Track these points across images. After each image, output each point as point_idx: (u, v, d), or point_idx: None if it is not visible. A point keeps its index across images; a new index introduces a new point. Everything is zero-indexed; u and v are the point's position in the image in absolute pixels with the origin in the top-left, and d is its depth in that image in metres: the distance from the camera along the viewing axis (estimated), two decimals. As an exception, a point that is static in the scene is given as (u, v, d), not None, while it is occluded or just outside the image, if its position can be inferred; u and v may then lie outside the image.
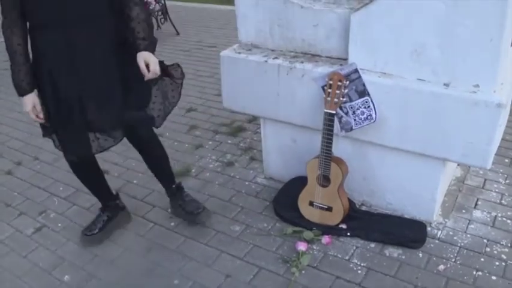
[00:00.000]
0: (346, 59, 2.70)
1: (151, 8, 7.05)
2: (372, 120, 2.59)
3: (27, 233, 3.11)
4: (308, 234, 2.81)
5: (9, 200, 3.49)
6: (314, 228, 2.85)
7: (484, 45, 2.23)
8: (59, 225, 3.17)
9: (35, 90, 2.48)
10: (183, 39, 7.31)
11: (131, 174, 3.66)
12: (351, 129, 2.68)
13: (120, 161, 3.84)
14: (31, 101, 2.45)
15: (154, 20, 7.32)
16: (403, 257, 2.67)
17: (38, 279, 2.74)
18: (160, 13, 7.39)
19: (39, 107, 2.47)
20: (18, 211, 3.36)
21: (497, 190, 3.16)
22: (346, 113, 2.66)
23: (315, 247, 2.78)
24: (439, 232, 2.82)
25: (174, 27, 7.53)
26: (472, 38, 2.24)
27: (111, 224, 3.01)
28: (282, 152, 3.28)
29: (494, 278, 2.49)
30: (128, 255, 2.86)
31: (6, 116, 4.02)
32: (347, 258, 2.70)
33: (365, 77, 2.57)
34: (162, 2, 7.41)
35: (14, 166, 3.93)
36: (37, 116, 2.49)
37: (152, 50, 2.52)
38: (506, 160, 3.47)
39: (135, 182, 3.56)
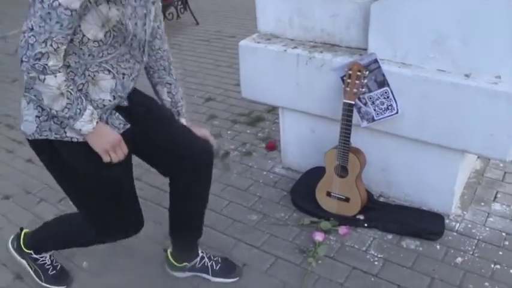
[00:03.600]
0: (365, 49, 2.68)
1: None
2: (394, 111, 2.58)
3: (47, 220, 3.14)
4: (325, 224, 2.81)
5: (29, 188, 3.53)
6: (331, 219, 2.85)
7: (505, 35, 2.20)
8: (78, 212, 3.20)
9: None
10: (202, 29, 7.31)
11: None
12: (373, 119, 2.66)
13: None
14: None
15: (174, 10, 7.34)
16: (421, 249, 2.66)
17: (57, 265, 2.77)
18: (180, 3, 7.39)
19: None
20: (38, 198, 3.40)
21: (517, 183, 3.14)
22: (365, 104, 2.65)
23: (332, 237, 2.78)
24: (457, 224, 2.80)
25: (194, 17, 7.53)
26: (493, 28, 2.21)
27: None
28: (300, 142, 3.28)
29: (512, 271, 2.48)
30: (147, 243, 2.88)
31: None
32: (364, 249, 2.70)
33: (385, 67, 2.56)
34: (182, -9, 7.42)
35: (34, 154, 3.95)
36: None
37: None
38: (527, 153, 3.43)
39: (153, 170, 3.57)
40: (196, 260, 2.57)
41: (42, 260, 2.59)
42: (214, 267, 2.57)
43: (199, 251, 2.60)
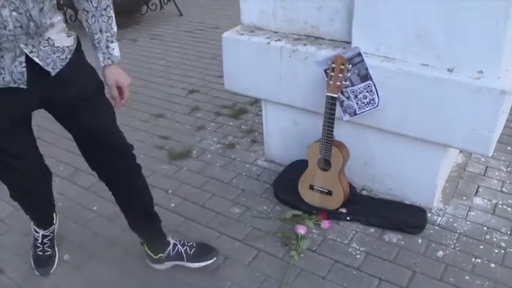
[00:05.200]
0: (349, 43, 2.68)
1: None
2: (375, 105, 2.58)
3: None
4: (308, 222, 2.81)
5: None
6: (314, 212, 2.85)
7: (488, 30, 2.20)
8: (59, 204, 3.15)
9: None
10: (186, 20, 7.27)
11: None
12: (355, 113, 2.66)
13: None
14: None
15: (157, 0, 7.28)
16: (403, 243, 2.67)
17: (37, 258, 2.75)
18: (163, -7, 7.35)
19: None
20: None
21: (498, 178, 3.15)
22: (348, 97, 2.64)
23: (314, 231, 2.78)
24: (439, 218, 2.82)
25: (177, 7, 7.48)
26: (476, 22, 2.22)
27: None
28: (283, 135, 3.27)
29: (493, 265, 2.49)
30: (128, 235, 2.85)
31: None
32: (346, 242, 2.70)
33: (368, 61, 2.55)
34: (166, -18, 7.37)
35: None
36: None
37: None
38: (509, 148, 3.46)
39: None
40: (169, 248, 2.55)
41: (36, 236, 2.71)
42: (189, 252, 2.56)
43: (169, 239, 2.59)
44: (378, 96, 2.56)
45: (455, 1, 2.23)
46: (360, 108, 2.63)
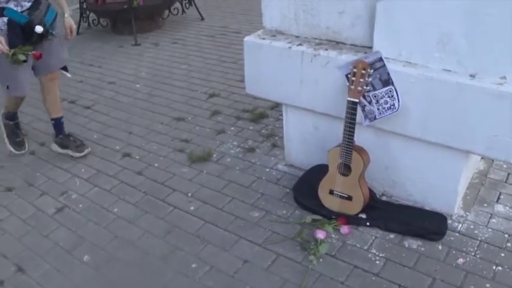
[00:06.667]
0: (370, 47, 2.67)
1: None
2: (395, 110, 2.57)
3: (48, 213, 3.16)
4: (327, 227, 2.80)
5: (32, 180, 3.54)
6: (333, 217, 2.84)
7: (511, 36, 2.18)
8: (80, 206, 3.20)
9: None
10: (207, 24, 7.30)
11: (152, 157, 3.69)
12: (375, 118, 2.66)
13: (142, 144, 3.87)
14: None
15: (179, 5, 7.33)
16: (423, 249, 2.65)
17: (58, 259, 2.78)
18: (185, -2, 7.40)
19: None
20: (40, 191, 3.40)
21: (520, 185, 3.12)
22: (370, 102, 2.64)
23: (333, 236, 2.77)
24: (460, 225, 2.79)
25: (199, 12, 7.52)
26: (499, 28, 2.20)
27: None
28: (304, 139, 3.27)
29: (514, 273, 2.47)
30: (148, 238, 2.88)
31: (32, 97, 4.06)
32: (366, 248, 2.69)
33: (389, 66, 2.55)
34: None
35: (38, 147, 3.98)
36: None
37: None
38: (531, 154, 3.41)
39: (156, 165, 3.58)
40: None
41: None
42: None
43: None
44: (399, 101, 2.55)
45: (478, 7, 2.22)
46: (380, 113, 2.62)
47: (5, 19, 3.20)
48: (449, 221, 2.80)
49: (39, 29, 3.25)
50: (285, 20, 2.97)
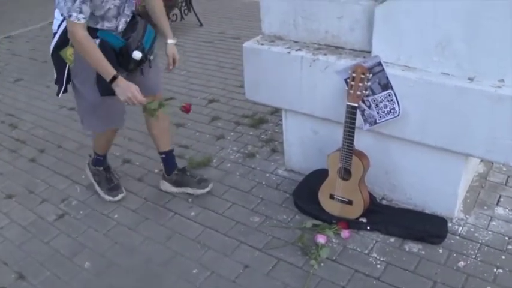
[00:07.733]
0: (369, 52, 2.68)
1: (175, -2, 7.06)
2: (396, 114, 2.58)
3: (49, 220, 3.16)
4: (328, 232, 2.80)
5: (32, 187, 3.54)
6: (334, 221, 2.84)
7: (510, 39, 2.19)
8: (81, 212, 3.20)
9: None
10: (206, 30, 7.31)
11: (152, 164, 3.69)
12: (375, 122, 2.66)
13: (142, 151, 3.88)
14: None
15: (178, 11, 7.34)
16: (423, 253, 2.65)
17: (58, 266, 2.78)
18: (184, 4, 7.39)
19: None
20: (40, 198, 3.41)
21: (520, 187, 3.13)
22: (369, 106, 2.64)
23: (334, 240, 2.78)
24: (460, 228, 2.80)
25: (198, 18, 7.53)
26: (498, 31, 2.21)
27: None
28: (303, 144, 3.28)
29: (515, 275, 2.47)
30: (148, 244, 2.88)
31: (31, 104, 4.07)
32: (366, 252, 2.69)
33: (388, 70, 2.55)
34: (186, -8, 7.42)
35: (38, 154, 3.98)
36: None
37: None
38: (531, 157, 3.42)
39: (156, 171, 3.59)
40: None
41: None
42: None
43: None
44: (399, 105, 2.55)
45: (476, 10, 2.22)
46: (380, 117, 2.63)
47: (97, 41, 2.62)
48: (449, 224, 2.80)
49: (137, 55, 2.71)
50: (283, 25, 2.98)
